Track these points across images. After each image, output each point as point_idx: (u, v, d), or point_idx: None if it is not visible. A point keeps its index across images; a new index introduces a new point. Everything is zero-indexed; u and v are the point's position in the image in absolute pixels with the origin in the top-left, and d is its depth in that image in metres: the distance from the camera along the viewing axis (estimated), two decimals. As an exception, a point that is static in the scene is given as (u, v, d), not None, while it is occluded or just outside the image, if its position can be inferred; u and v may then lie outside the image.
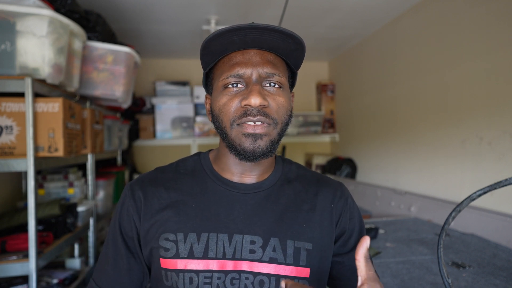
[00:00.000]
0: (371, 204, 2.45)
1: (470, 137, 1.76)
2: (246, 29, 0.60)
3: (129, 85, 1.94)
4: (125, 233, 0.69)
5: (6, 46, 1.23)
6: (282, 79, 0.66)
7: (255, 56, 0.64)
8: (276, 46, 0.64)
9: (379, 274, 1.18)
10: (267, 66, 0.64)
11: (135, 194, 0.69)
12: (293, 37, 0.63)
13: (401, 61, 2.33)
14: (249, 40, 0.62)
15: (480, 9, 1.68)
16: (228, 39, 0.62)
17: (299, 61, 0.70)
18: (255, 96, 0.61)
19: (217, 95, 0.66)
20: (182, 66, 3.44)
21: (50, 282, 1.54)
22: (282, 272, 0.64)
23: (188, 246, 0.64)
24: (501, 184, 0.49)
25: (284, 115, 0.66)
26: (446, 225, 0.53)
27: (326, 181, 0.77)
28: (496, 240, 1.46)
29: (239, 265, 0.63)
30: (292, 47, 0.65)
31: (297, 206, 0.70)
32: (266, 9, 2.21)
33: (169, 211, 0.67)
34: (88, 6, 1.99)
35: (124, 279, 0.68)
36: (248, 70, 0.63)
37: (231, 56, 0.65)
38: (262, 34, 0.61)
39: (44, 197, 1.75)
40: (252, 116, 0.62)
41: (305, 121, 3.41)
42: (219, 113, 0.66)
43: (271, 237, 0.65)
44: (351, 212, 0.74)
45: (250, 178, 0.71)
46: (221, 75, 0.65)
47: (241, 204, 0.68)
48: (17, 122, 1.31)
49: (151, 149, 3.39)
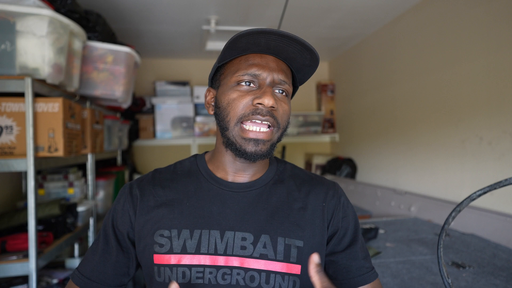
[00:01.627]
0: (371, 204, 2.45)
1: (470, 137, 1.76)
2: (274, 34, 0.63)
3: (129, 85, 1.94)
4: (117, 227, 0.73)
5: (6, 46, 1.23)
6: (289, 89, 0.71)
7: (272, 62, 0.68)
8: (293, 57, 0.69)
9: (379, 274, 1.18)
10: (281, 74, 0.68)
11: (133, 191, 0.73)
12: (313, 53, 0.67)
13: (401, 61, 2.34)
14: (272, 46, 0.66)
15: (479, 9, 1.68)
16: (255, 39, 0.65)
17: (306, 77, 0.75)
18: (269, 97, 0.64)
19: (227, 89, 0.69)
20: (182, 66, 3.44)
21: (50, 282, 1.54)
22: (272, 268, 0.65)
23: (182, 242, 0.66)
24: (501, 184, 0.49)
25: (286, 121, 0.71)
26: (446, 225, 0.53)
27: (319, 180, 0.78)
28: (496, 240, 1.46)
29: (230, 261, 0.65)
30: (307, 62, 0.70)
31: (289, 205, 0.72)
32: (266, 9, 2.21)
33: (164, 209, 0.70)
34: (88, 6, 1.99)
35: (108, 270, 0.71)
36: (264, 73, 0.67)
37: (249, 57, 0.69)
38: (286, 43, 0.65)
39: (44, 197, 1.75)
40: (262, 116, 0.65)
41: (305, 121, 3.41)
42: (226, 106, 0.68)
43: (262, 234, 0.67)
44: (344, 210, 0.74)
45: (243, 177, 0.73)
46: (236, 72, 0.68)
47: (233, 202, 0.70)
48: (17, 122, 1.31)
49: (151, 149, 3.39)
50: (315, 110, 3.66)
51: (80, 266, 0.73)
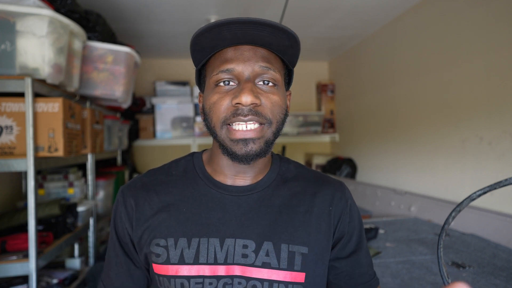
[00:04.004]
0: (371, 204, 2.45)
1: (470, 137, 1.76)
2: (236, 23, 0.57)
3: (129, 85, 1.94)
4: (121, 238, 0.69)
5: (6, 46, 1.23)
6: (276, 76, 0.62)
7: (248, 52, 0.61)
8: (269, 41, 0.61)
9: (379, 274, 1.18)
10: (260, 62, 0.61)
11: (127, 201, 0.68)
12: (286, 32, 0.59)
13: (401, 61, 2.33)
14: (240, 35, 0.59)
15: (479, 9, 1.68)
16: (219, 34, 0.59)
17: (294, 57, 0.67)
18: (246, 94, 0.58)
19: (208, 93, 0.63)
20: (182, 66, 3.43)
21: (50, 282, 1.54)
22: (276, 277, 0.62)
23: (179, 252, 0.63)
24: (501, 184, 0.49)
25: (279, 113, 0.63)
26: (446, 225, 0.53)
27: (325, 180, 0.73)
28: (496, 240, 1.46)
29: (231, 270, 0.62)
30: (286, 43, 0.61)
31: (293, 208, 0.67)
32: (266, 9, 2.21)
33: (160, 216, 0.66)
34: (88, 6, 1.99)
35: (127, 284, 0.69)
36: (239, 66, 0.60)
37: (222, 52, 0.62)
38: (253, 29, 0.58)
39: (44, 197, 1.75)
40: (243, 116, 0.59)
41: (305, 121, 3.41)
42: (209, 111, 0.63)
43: (264, 241, 0.63)
44: (351, 215, 0.70)
45: (243, 180, 0.68)
46: (212, 72, 0.63)
47: (233, 207, 0.66)
48: (17, 122, 1.31)
49: (151, 149, 3.39)
50: (315, 110, 3.66)
51: (103, 277, 0.72)
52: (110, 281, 0.70)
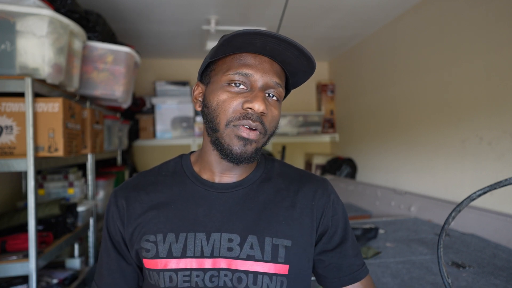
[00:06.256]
0: (371, 204, 2.45)
1: (470, 137, 1.76)
2: (273, 37, 0.61)
3: (129, 85, 1.94)
4: (112, 237, 0.73)
5: (6, 46, 1.23)
6: (282, 93, 0.68)
7: (266, 63, 0.65)
8: (289, 61, 0.66)
9: (379, 274, 1.18)
10: (275, 77, 0.65)
11: (118, 201, 0.72)
12: (310, 60, 0.64)
13: (401, 61, 2.33)
14: (269, 48, 0.63)
15: (479, 9, 1.68)
16: (252, 39, 0.62)
17: (300, 82, 0.72)
18: (260, 103, 0.62)
19: (217, 89, 0.66)
20: (182, 66, 3.44)
21: (50, 282, 1.54)
22: (260, 269, 0.64)
23: (167, 246, 0.66)
24: (501, 184, 0.49)
25: (274, 127, 0.68)
26: (446, 225, 0.53)
27: (308, 177, 0.76)
28: (496, 240, 1.46)
29: (217, 263, 0.65)
30: (303, 68, 0.67)
31: (277, 203, 0.70)
32: (266, 9, 2.21)
33: (150, 214, 0.69)
34: (88, 6, 1.99)
35: (118, 281, 0.73)
36: (257, 74, 0.64)
37: (242, 55, 0.65)
38: (283, 47, 0.62)
39: (44, 197, 1.75)
40: (252, 121, 0.63)
41: (305, 121, 3.41)
42: (215, 107, 0.65)
43: (249, 234, 0.66)
44: (334, 208, 0.73)
45: (229, 178, 0.71)
46: (227, 70, 0.65)
47: (219, 203, 0.69)
48: (17, 122, 1.31)
49: (151, 149, 3.39)
50: (315, 110, 3.66)
51: (96, 277, 0.75)
52: (102, 279, 0.73)
